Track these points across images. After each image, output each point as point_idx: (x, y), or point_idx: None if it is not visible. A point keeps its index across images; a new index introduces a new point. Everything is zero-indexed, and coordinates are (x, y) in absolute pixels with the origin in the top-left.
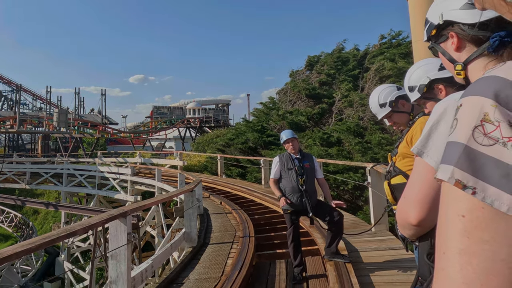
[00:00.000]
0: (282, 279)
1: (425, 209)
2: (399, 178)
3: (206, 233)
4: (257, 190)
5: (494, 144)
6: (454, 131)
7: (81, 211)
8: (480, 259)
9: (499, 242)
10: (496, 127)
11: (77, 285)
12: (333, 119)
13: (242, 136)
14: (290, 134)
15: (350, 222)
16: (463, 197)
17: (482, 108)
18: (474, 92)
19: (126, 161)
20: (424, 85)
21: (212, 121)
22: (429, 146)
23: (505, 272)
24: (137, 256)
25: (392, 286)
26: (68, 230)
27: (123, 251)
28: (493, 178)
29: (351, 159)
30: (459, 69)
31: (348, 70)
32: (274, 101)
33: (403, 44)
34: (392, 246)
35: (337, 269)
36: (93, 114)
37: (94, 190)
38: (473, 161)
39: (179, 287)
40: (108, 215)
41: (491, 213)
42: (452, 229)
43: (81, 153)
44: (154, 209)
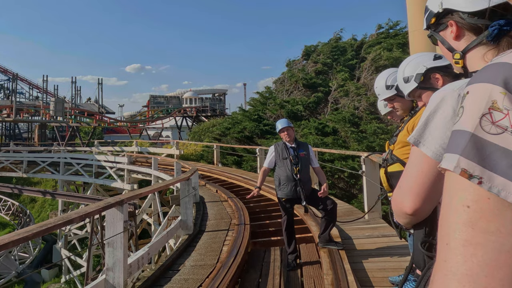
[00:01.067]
0: (277, 266)
1: (420, 199)
2: (396, 166)
3: (202, 221)
4: (252, 179)
5: (502, 132)
6: (460, 119)
7: (78, 199)
8: (485, 251)
9: (505, 233)
10: (505, 115)
11: (74, 272)
12: (328, 108)
13: (238, 125)
14: (285, 123)
15: (344, 210)
16: (469, 187)
17: (491, 95)
18: (482, 79)
19: (123, 150)
20: (421, 74)
21: (208, 110)
22: (425, 135)
23: (510, 264)
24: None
25: (384, 272)
26: (64, 218)
27: (120, 238)
28: (500, 168)
29: (347, 148)
30: (457, 57)
31: (345, 60)
32: (271, 90)
33: (401, 34)
34: (384, 233)
35: (330, 256)
36: (90, 103)
37: (91, 179)
38: (480, 150)
39: (175, 274)
40: (105, 203)
41: (498, 203)
42: (456, 220)
43: (78, 142)
44: (150, 197)
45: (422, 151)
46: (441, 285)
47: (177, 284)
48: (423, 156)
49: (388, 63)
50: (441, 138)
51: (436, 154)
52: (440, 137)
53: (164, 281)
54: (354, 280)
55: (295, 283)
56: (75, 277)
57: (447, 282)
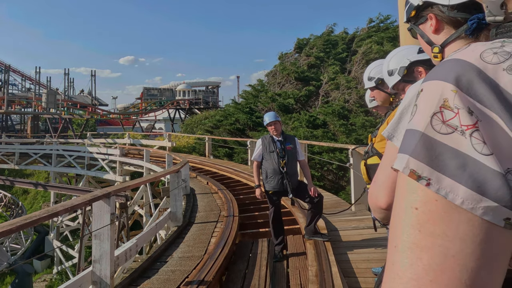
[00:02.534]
0: (264, 257)
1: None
2: (374, 159)
3: (192, 213)
4: (243, 171)
5: (452, 132)
6: (413, 117)
7: (70, 191)
8: (430, 255)
9: (451, 236)
10: (455, 114)
11: (66, 263)
12: (319, 101)
13: (230, 117)
14: (273, 117)
15: (332, 202)
16: (417, 189)
17: (442, 93)
18: (436, 77)
19: (115, 142)
20: (404, 67)
21: (201, 103)
22: (399, 129)
23: (455, 269)
24: (125, 235)
25: (368, 263)
26: (50, 211)
27: (107, 231)
28: (449, 169)
29: (336, 140)
30: (436, 51)
31: (336, 53)
32: (263, 83)
33: (391, 28)
34: (370, 225)
35: (316, 248)
36: (83, 95)
37: (83, 171)
38: (430, 150)
39: (163, 265)
40: (92, 196)
41: (445, 206)
42: (405, 222)
43: (71, 134)
44: (142, 189)
45: (395, 146)
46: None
47: (164, 276)
48: (396, 150)
49: (379, 56)
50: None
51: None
52: None
53: (152, 272)
54: (338, 271)
55: (281, 274)
56: (67, 268)
57: (393, 285)
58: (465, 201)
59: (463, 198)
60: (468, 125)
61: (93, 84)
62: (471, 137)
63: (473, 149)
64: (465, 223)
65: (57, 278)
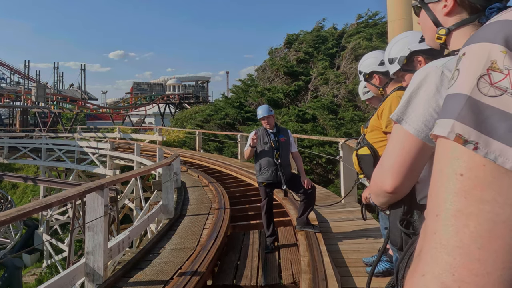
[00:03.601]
0: (255, 249)
1: (401, 176)
2: (364, 149)
3: (183, 205)
4: (233, 164)
5: (501, 94)
6: (456, 82)
7: (60, 185)
8: (478, 221)
9: (501, 202)
10: (506, 76)
11: (55, 257)
12: (308, 96)
13: (220, 112)
14: (266, 111)
15: (322, 194)
16: (463, 154)
17: (490, 55)
18: (480, 39)
19: (106, 136)
20: (405, 56)
21: (191, 97)
22: (408, 112)
23: (505, 235)
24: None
25: (359, 253)
26: (43, 202)
27: (100, 222)
28: (498, 132)
29: (325, 134)
30: (442, 33)
31: (326, 49)
32: (253, 78)
33: (379, 24)
34: (359, 216)
35: (307, 238)
36: (73, 90)
37: (73, 165)
38: (477, 113)
39: (155, 257)
40: (85, 188)
41: (494, 170)
42: (448, 190)
43: (60, 128)
44: (132, 182)
45: (404, 129)
46: (430, 258)
47: (157, 267)
48: (405, 133)
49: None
50: (424, 115)
51: (419, 131)
52: (423, 114)
53: (145, 264)
54: (330, 261)
55: (272, 265)
56: (56, 261)
57: (436, 255)
58: None
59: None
60: None
61: (83, 78)
62: None
63: None
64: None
65: (47, 271)
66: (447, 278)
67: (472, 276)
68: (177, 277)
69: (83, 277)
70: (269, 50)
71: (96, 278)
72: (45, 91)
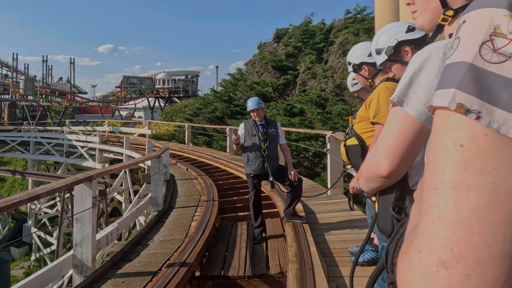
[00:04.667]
0: (243, 240)
1: (397, 160)
2: (352, 140)
3: (172, 198)
4: (222, 157)
5: (505, 60)
6: (456, 50)
7: (48, 178)
8: (479, 193)
9: (503, 172)
10: (510, 41)
11: (44, 250)
12: (297, 90)
13: (210, 105)
14: (256, 104)
15: (308, 186)
16: (464, 124)
17: (493, 20)
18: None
19: (95, 129)
20: (392, 47)
21: (181, 91)
22: (409, 94)
23: (507, 206)
24: (104, 221)
25: (344, 243)
26: (31, 193)
27: (88, 214)
28: (501, 100)
29: (313, 128)
30: (449, 14)
31: (314, 43)
32: (242, 72)
33: (367, 19)
34: (345, 207)
35: (294, 229)
36: (62, 83)
37: (62, 158)
38: (479, 81)
39: (144, 249)
40: (73, 179)
41: (496, 140)
42: (447, 162)
43: (49, 121)
44: (121, 175)
45: (403, 111)
46: (427, 233)
47: (145, 259)
48: (404, 115)
49: None
50: (426, 97)
51: (420, 114)
52: (425, 96)
53: (133, 255)
54: (316, 251)
55: (260, 255)
56: (45, 255)
57: (434, 229)
58: None
59: None
60: None
61: (72, 71)
62: None
63: None
64: None
65: (35, 265)
66: (445, 253)
67: (471, 250)
68: (165, 268)
69: (71, 269)
70: (258, 45)
71: (84, 270)
72: (34, 84)
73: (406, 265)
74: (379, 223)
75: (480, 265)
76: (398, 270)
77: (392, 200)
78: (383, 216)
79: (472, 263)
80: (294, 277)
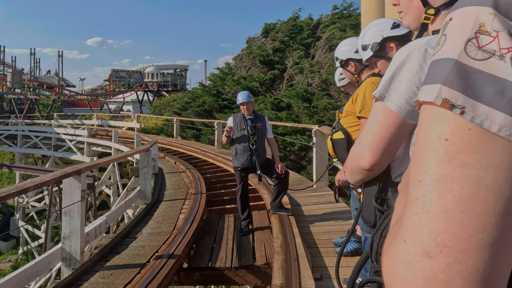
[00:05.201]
0: (230, 232)
1: (379, 153)
2: (339, 134)
3: (160, 191)
4: (210, 151)
5: (489, 57)
6: (442, 47)
7: (36, 172)
8: (462, 185)
9: (485, 165)
10: (494, 38)
11: (32, 243)
12: (284, 84)
13: (198, 99)
14: (246, 97)
15: (295, 179)
16: (449, 119)
17: (478, 18)
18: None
19: (83, 123)
20: (377, 43)
21: (170, 85)
22: (391, 90)
23: (488, 198)
24: (92, 215)
25: (329, 234)
26: (19, 187)
27: (77, 207)
28: (485, 96)
29: (299, 122)
30: (431, 13)
31: (301, 38)
32: (230, 66)
33: (353, 15)
34: (330, 200)
35: (280, 221)
36: (50, 76)
37: (50, 152)
38: (464, 77)
39: (132, 241)
40: (62, 173)
41: (479, 134)
42: (432, 155)
43: (37, 115)
44: (110, 169)
45: (385, 106)
46: (411, 224)
47: (134, 251)
48: (386, 110)
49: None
50: (407, 92)
51: (400, 108)
52: (406, 91)
53: (121, 248)
54: (302, 243)
55: (247, 247)
56: (33, 248)
57: (419, 220)
58: (502, 128)
59: (500, 125)
60: (509, 48)
61: (60, 64)
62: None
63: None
64: (501, 150)
65: (23, 258)
66: (428, 243)
67: (454, 240)
68: (153, 260)
69: (59, 262)
70: (246, 39)
71: (73, 263)
72: (21, 77)
73: (391, 254)
74: (364, 214)
75: (461, 254)
76: (383, 260)
77: (375, 191)
78: (367, 207)
79: (454, 252)
80: (279, 267)
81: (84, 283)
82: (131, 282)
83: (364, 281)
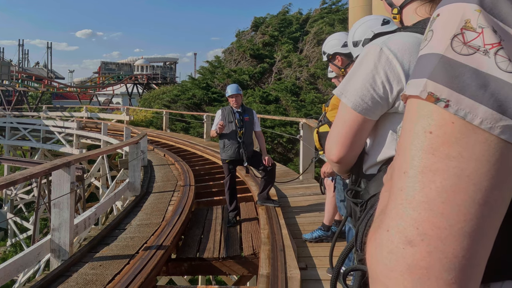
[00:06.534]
0: (218, 223)
1: (344, 148)
2: (325, 127)
3: (149, 183)
4: (199, 144)
5: (474, 53)
6: (429, 42)
7: (24, 164)
8: (444, 177)
9: (467, 157)
10: (478, 34)
11: (20, 235)
12: (272, 78)
13: (188, 92)
14: (235, 90)
15: (281, 171)
16: (433, 112)
17: (464, 14)
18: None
19: (72, 115)
20: (369, 39)
21: (159, 78)
22: (347, 88)
23: (469, 189)
24: (81, 207)
25: (314, 225)
26: (8, 179)
27: (66, 199)
28: (469, 89)
29: (287, 115)
30: (395, 12)
31: (290, 33)
32: (220, 60)
33: (342, 10)
34: (316, 192)
35: (267, 213)
36: (38, 68)
37: (39, 144)
38: (449, 72)
39: (121, 233)
40: (51, 165)
41: (462, 127)
42: (416, 147)
43: (25, 107)
44: (99, 161)
45: (344, 103)
46: (395, 214)
47: (123, 242)
48: (345, 107)
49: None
50: (361, 89)
51: (356, 105)
52: (360, 89)
53: (111, 239)
54: (288, 233)
55: (234, 238)
56: (21, 240)
57: (402, 210)
58: (484, 121)
59: (482, 118)
60: (493, 44)
61: (49, 56)
62: (495, 56)
63: (496, 67)
64: (482, 143)
65: (11, 250)
66: (411, 232)
67: (435, 229)
68: (142, 251)
69: (48, 253)
70: (236, 33)
71: (62, 254)
72: (10, 69)
73: (375, 243)
74: (346, 206)
75: (442, 242)
76: (367, 248)
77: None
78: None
79: (435, 240)
80: (266, 257)
81: (73, 274)
82: (120, 273)
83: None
